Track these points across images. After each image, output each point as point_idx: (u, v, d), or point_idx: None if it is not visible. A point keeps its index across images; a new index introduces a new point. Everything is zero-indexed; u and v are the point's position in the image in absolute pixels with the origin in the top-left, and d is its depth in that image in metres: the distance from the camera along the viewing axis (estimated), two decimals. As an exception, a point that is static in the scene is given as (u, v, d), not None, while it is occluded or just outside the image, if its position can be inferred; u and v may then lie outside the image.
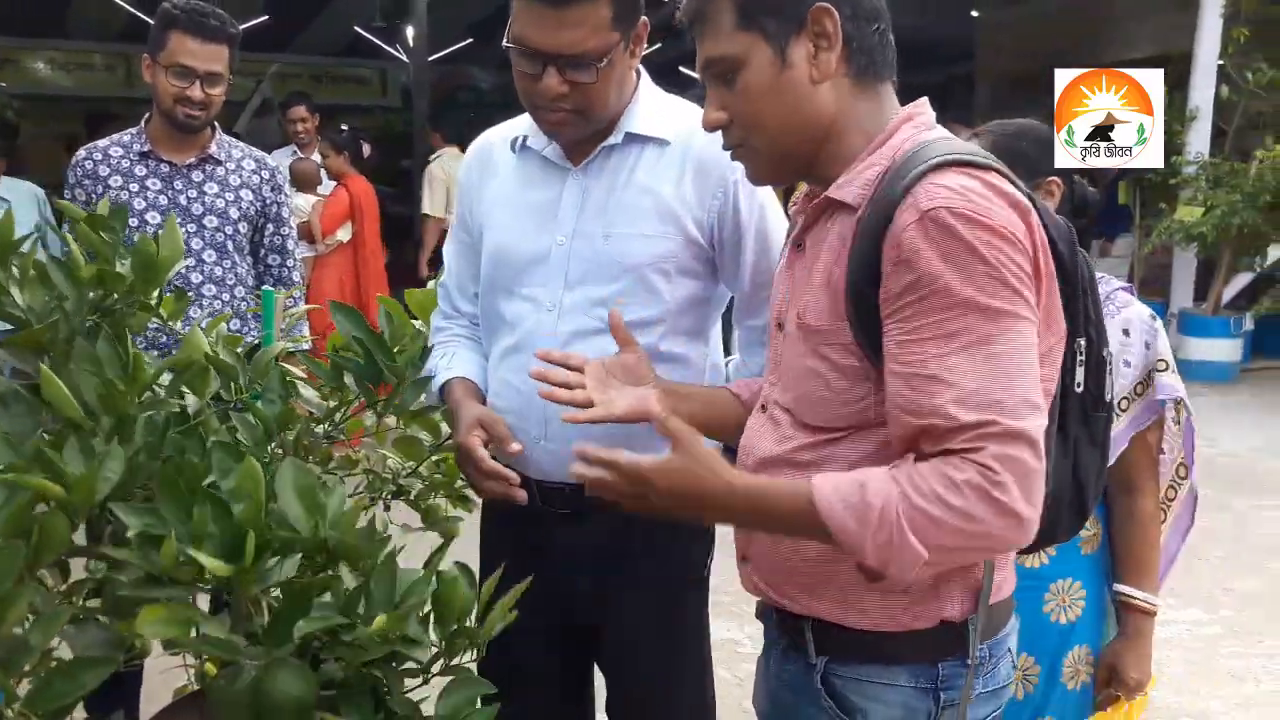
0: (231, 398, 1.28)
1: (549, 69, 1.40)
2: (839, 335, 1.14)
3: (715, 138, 1.59)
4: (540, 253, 1.54)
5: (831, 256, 1.16)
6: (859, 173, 1.16)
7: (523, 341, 1.55)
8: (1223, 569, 4.10)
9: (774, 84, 1.15)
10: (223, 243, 2.47)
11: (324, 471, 1.39)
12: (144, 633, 0.79)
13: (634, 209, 1.51)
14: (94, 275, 1.29)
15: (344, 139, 5.91)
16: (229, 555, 0.81)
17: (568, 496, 1.57)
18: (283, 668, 0.82)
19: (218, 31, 2.37)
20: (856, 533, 1.05)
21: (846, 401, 1.15)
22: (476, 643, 0.95)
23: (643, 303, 1.52)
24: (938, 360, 1.04)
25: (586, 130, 1.50)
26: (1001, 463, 1.01)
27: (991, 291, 1.04)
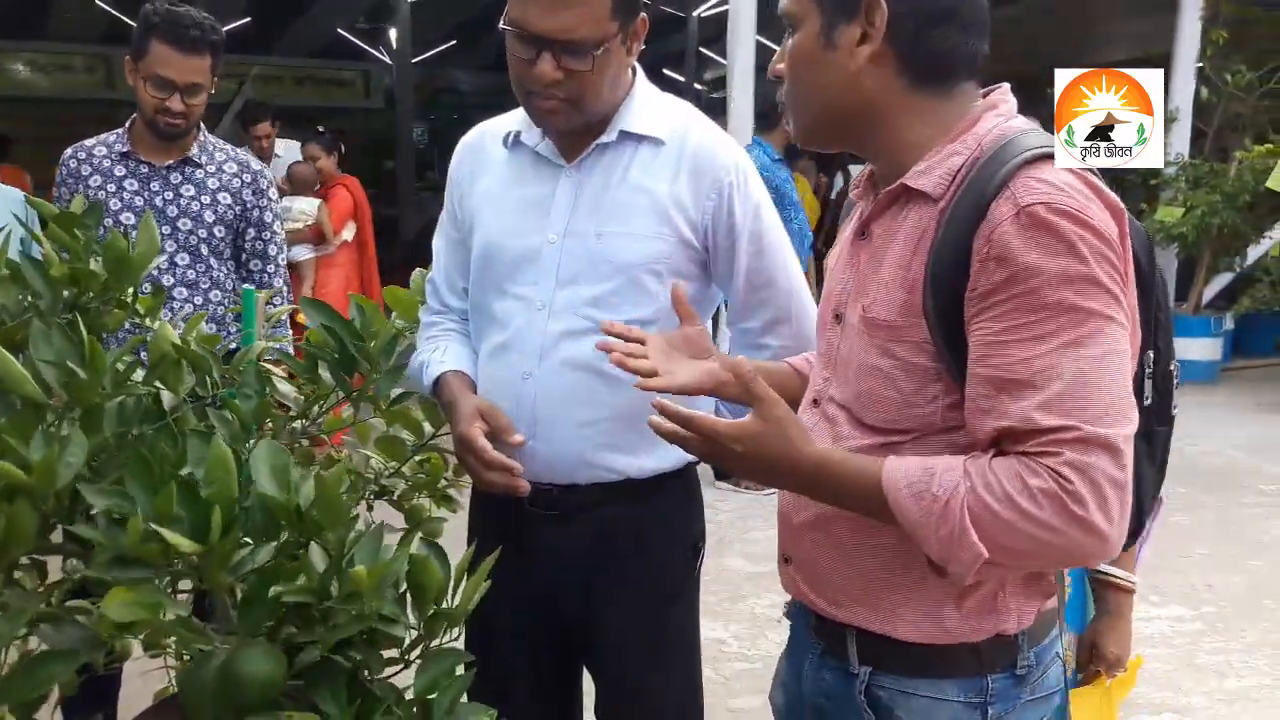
0: (208, 394, 1.27)
1: (544, 54, 1.39)
2: (911, 333, 1.09)
3: (711, 138, 1.58)
4: (531, 250, 1.52)
5: (907, 248, 1.11)
6: (940, 161, 1.11)
7: (512, 340, 1.53)
8: (1204, 566, 4.13)
9: (814, 57, 1.14)
10: (196, 246, 2.45)
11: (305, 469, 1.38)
12: (111, 615, 0.78)
13: (628, 208, 1.50)
14: (67, 273, 1.28)
15: (329, 140, 5.92)
16: (198, 535, 0.80)
17: (555, 498, 1.56)
18: (250, 647, 0.82)
19: (198, 42, 2.34)
20: (919, 521, 1.02)
21: (913, 403, 1.10)
22: (455, 620, 0.94)
23: (635, 303, 1.50)
24: (1025, 363, 1.00)
25: (578, 121, 1.48)
26: (1077, 470, 0.97)
27: (1087, 293, 1.00)
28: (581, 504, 1.56)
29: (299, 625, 0.89)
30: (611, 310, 1.49)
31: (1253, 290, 7.44)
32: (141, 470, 0.87)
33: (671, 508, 1.66)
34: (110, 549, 0.83)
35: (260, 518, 0.92)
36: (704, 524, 1.72)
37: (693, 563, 1.69)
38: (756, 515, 4.46)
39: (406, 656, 0.95)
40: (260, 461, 0.95)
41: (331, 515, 0.90)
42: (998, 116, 1.13)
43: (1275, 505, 4.88)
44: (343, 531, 0.89)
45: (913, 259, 1.10)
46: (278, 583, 0.84)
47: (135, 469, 0.88)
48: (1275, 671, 3.27)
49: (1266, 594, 3.86)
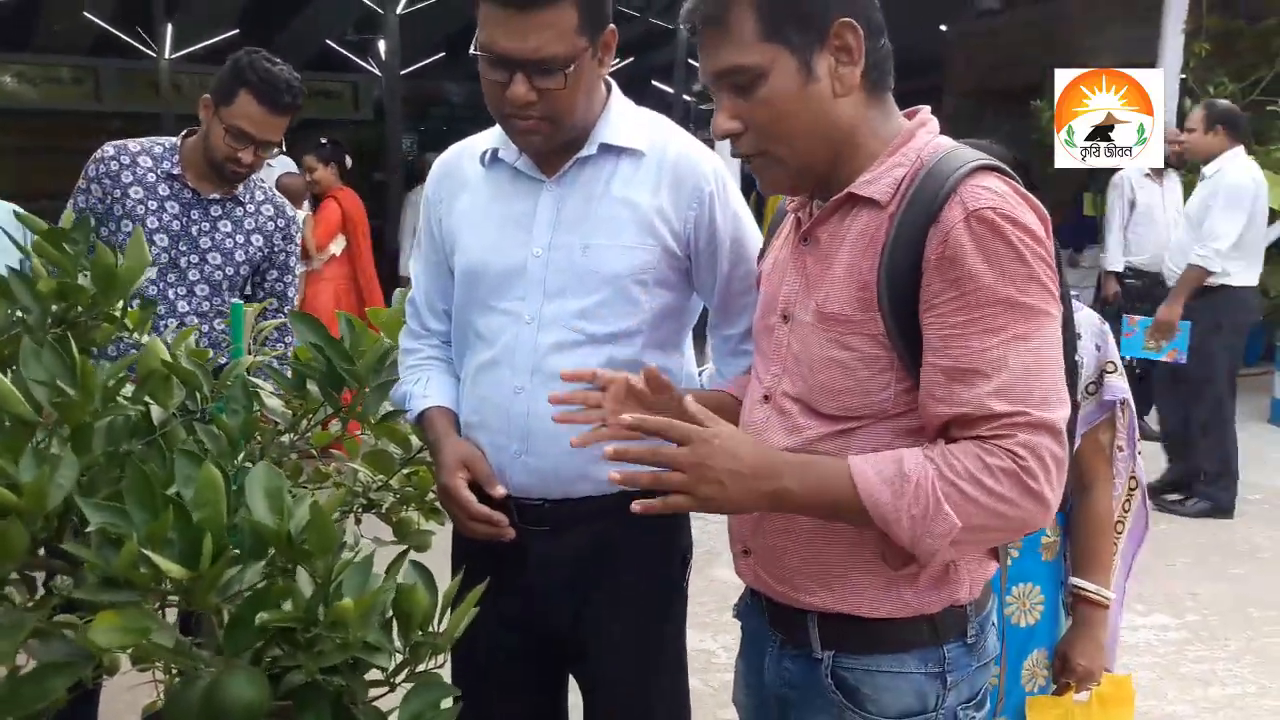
0: (197, 409, 1.28)
1: (517, 75, 1.40)
2: (866, 325, 1.17)
3: (689, 148, 1.60)
4: (517, 265, 1.53)
5: (857, 249, 1.19)
6: (885, 172, 1.19)
7: (501, 356, 1.54)
8: (1188, 575, 4.16)
9: (799, 96, 1.17)
10: (219, 281, 2.46)
11: (294, 485, 1.39)
12: (98, 640, 0.78)
13: (612, 220, 1.51)
14: (55, 288, 1.29)
15: (328, 151, 5.88)
16: (188, 561, 0.81)
17: (545, 512, 1.57)
18: (235, 672, 0.82)
19: (288, 106, 2.37)
20: (892, 505, 1.09)
21: (869, 390, 1.18)
22: (440, 649, 0.95)
23: (621, 314, 1.52)
24: (979, 354, 1.09)
25: (557, 139, 1.49)
26: (1029, 450, 1.07)
27: (1029, 290, 1.10)
28: (573, 517, 1.57)
29: (284, 649, 0.89)
30: (599, 322, 1.50)
31: (1237, 300, 7.48)
32: (141, 488, 0.87)
33: (661, 519, 1.66)
34: (100, 570, 0.84)
35: (250, 541, 0.92)
36: (691, 535, 1.73)
37: (682, 573, 1.70)
38: (745, 526, 4.42)
39: (392, 680, 0.96)
40: (255, 484, 0.96)
41: (322, 542, 0.90)
42: (928, 133, 1.22)
43: (1258, 514, 4.91)
44: (331, 560, 0.90)
45: (864, 259, 1.18)
46: (264, 607, 0.85)
47: (135, 487, 0.88)
48: (1259, 679, 3.30)
49: (1250, 602, 3.88)
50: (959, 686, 1.25)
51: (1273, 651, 3.48)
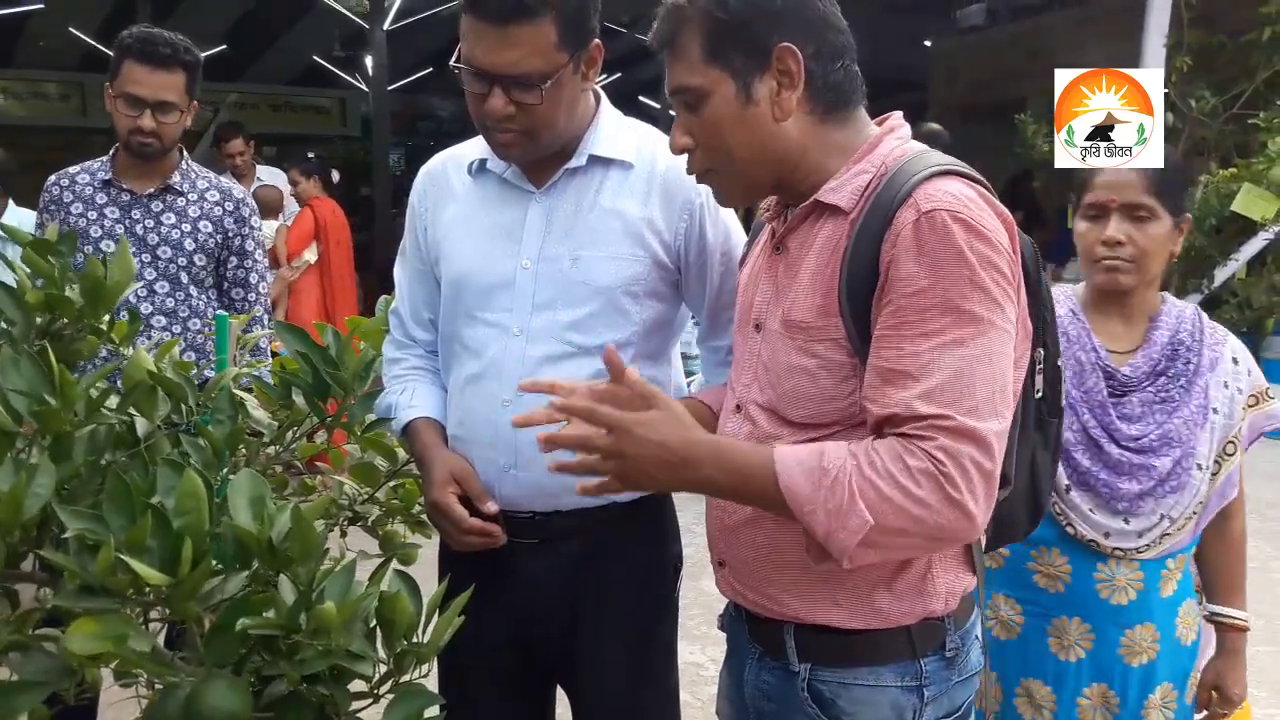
0: (182, 420, 1.27)
1: (495, 89, 1.40)
2: (829, 332, 1.18)
3: (680, 160, 1.60)
4: (505, 277, 1.52)
5: (822, 257, 1.20)
6: (849, 179, 1.20)
7: (489, 368, 1.53)
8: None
9: (738, 118, 1.19)
10: (176, 274, 2.45)
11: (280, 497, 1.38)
12: (74, 647, 0.78)
13: (602, 231, 1.51)
14: (41, 300, 1.28)
15: (314, 165, 5.92)
16: (168, 567, 0.81)
17: (537, 525, 1.56)
18: (216, 681, 0.82)
19: (168, 59, 2.35)
20: (808, 496, 1.08)
21: (833, 397, 1.19)
22: (424, 658, 0.94)
23: (611, 325, 1.52)
24: (912, 357, 1.09)
25: (536, 151, 1.49)
26: (948, 455, 1.06)
27: (971, 296, 1.09)
28: (564, 530, 1.56)
29: (266, 658, 0.89)
30: (590, 334, 1.50)
31: (1221, 312, 7.55)
32: (120, 496, 0.87)
33: (652, 529, 1.66)
34: (79, 578, 0.83)
35: (232, 549, 0.92)
36: (681, 545, 1.72)
37: (673, 584, 1.70)
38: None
39: (376, 691, 0.95)
40: (238, 492, 0.95)
41: (304, 549, 0.90)
42: (896, 139, 1.23)
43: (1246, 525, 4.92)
44: (313, 566, 0.90)
45: (827, 266, 1.19)
46: (246, 615, 0.85)
47: (114, 495, 0.88)
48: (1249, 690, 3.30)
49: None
50: (938, 700, 1.24)
51: (1260, 661, 3.48)
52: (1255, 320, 7.44)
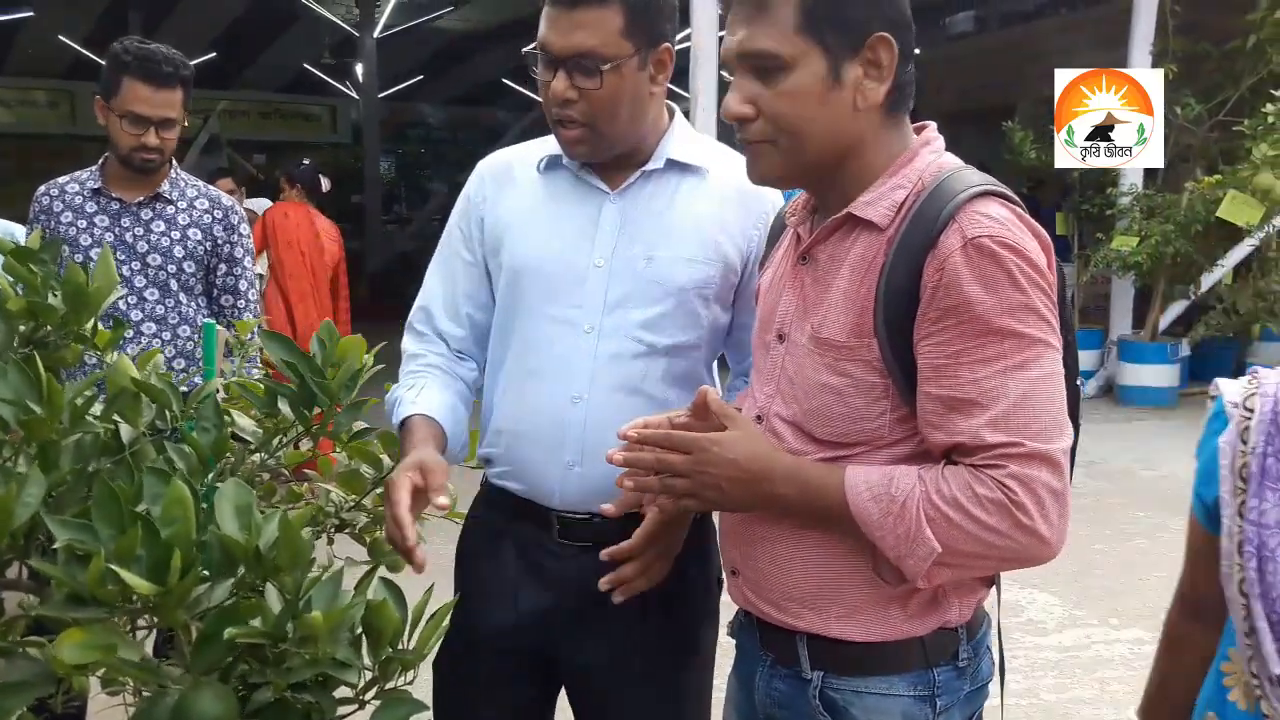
0: (167, 427, 1.27)
1: (559, 72, 1.42)
2: (862, 352, 1.15)
3: None
4: (577, 273, 1.50)
5: (855, 273, 1.17)
6: (885, 193, 1.17)
7: (555, 364, 1.50)
8: (1163, 588, 4.14)
9: (821, 97, 1.14)
10: (165, 281, 2.46)
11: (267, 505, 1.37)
12: (63, 657, 0.77)
13: (678, 233, 1.51)
14: (24, 308, 1.28)
15: (300, 172, 5.89)
16: (156, 576, 0.81)
17: (596, 528, 1.48)
18: (202, 689, 0.82)
19: (170, 78, 2.37)
20: (878, 521, 1.10)
21: (863, 417, 1.17)
22: (410, 665, 0.94)
23: (683, 327, 1.51)
24: (974, 384, 1.08)
25: (602, 149, 1.48)
26: (1020, 482, 1.06)
27: (1027, 320, 1.08)
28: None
29: (253, 665, 0.89)
30: (661, 333, 1.50)
31: (1207, 318, 7.61)
32: (108, 506, 0.87)
33: (693, 539, 1.57)
34: (67, 587, 0.83)
35: (219, 556, 0.92)
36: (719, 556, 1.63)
37: (717, 596, 1.64)
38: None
39: (362, 698, 0.95)
40: (225, 500, 0.95)
41: (291, 558, 0.90)
42: (932, 153, 1.21)
43: (1232, 528, 4.96)
44: (300, 574, 0.90)
45: (861, 283, 1.16)
46: (233, 623, 0.85)
47: (102, 504, 0.88)
48: (1234, 692, 3.32)
49: (1225, 616, 3.91)
50: (950, 711, 1.23)
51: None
52: (1241, 326, 7.49)
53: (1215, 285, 7.95)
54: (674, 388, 1.53)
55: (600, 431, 1.46)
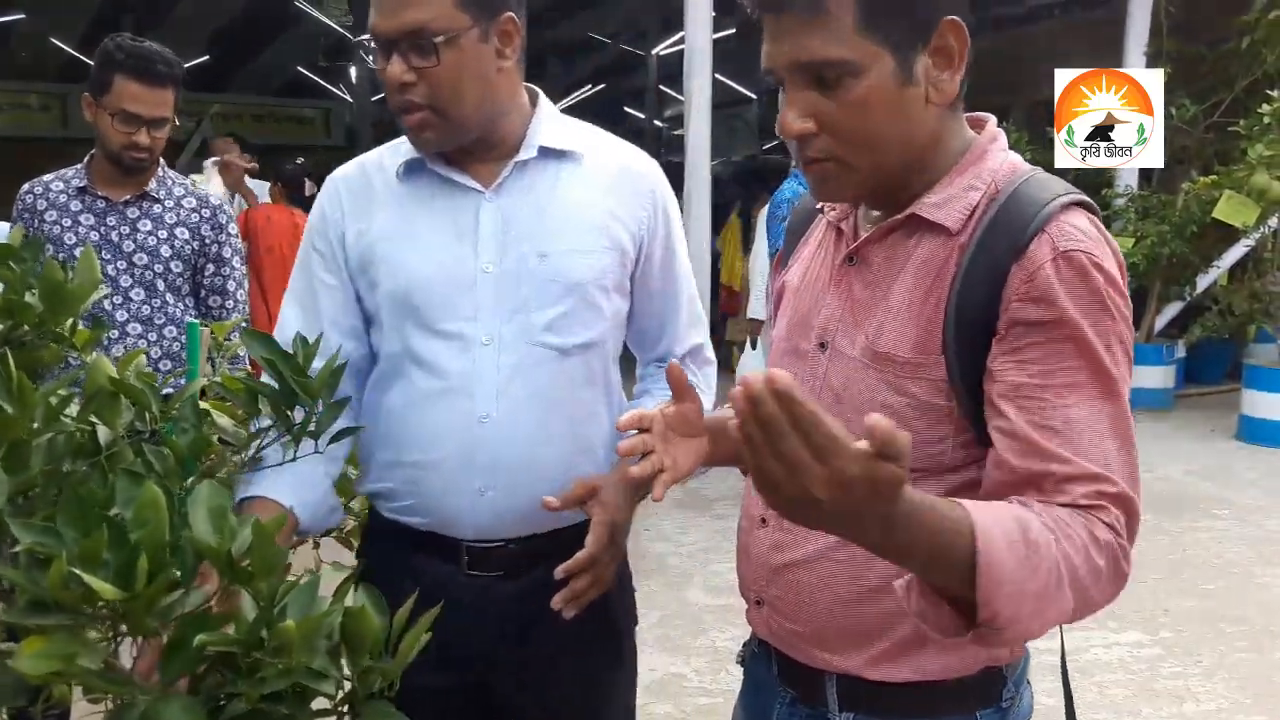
0: (145, 429, 1.24)
1: (393, 56, 1.33)
2: (927, 370, 1.04)
3: (628, 149, 1.52)
4: (465, 283, 1.40)
5: (921, 281, 1.05)
6: (956, 194, 1.06)
7: (457, 383, 1.39)
8: (1160, 591, 4.17)
9: (895, 101, 1.02)
10: (152, 281, 2.44)
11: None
12: (23, 667, 0.74)
13: (568, 224, 1.43)
14: (1, 305, 1.25)
15: (288, 170, 5.90)
16: (123, 581, 0.78)
17: (508, 555, 1.43)
18: (170, 700, 0.78)
19: (164, 76, 2.34)
20: (1011, 573, 0.86)
21: (924, 442, 1.04)
22: (391, 675, 0.91)
23: (587, 324, 1.43)
24: (1063, 410, 0.97)
25: (452, 136, 1.38)
26: (1121, 526, 0.95)
27: (1115, 352, 0.99)
28: (531, 558, 1.42)
29: (225, 675, 0.86)
30: (567, 333, 1.41)
31: (1203, 319, 7.59)
32: (74, 508, 0.84)
33: None
34: (29, 593, 0.80)
35: (191, 561, 0.89)
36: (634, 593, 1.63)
37: (634, 610, 1.62)
38: (719, 547, 4.41)
39: (340, 709, 0.92)
40: (198, 504, 0.92)
41: (266, 563, 0.87)
42: (1001, 151, 1.11)
43: (1229, 530, 4.94)
44: (275, 581, 0.87)
45: (929, 293, 1.05)
46: (204, 630, 0.82)
47: (68, 506, 0.85)
48: (1233, 695, 3.29)
49: (1222, 618, 3.89)
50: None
51: (1245, 668, 3.48)
52: (1237, 327, 7.48)
53: (1210, 286, 7.95)
54: (588, 389, 1.46)
55: (513, 450, 1.39)
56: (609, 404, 1.51)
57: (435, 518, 1.44)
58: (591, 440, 1.47)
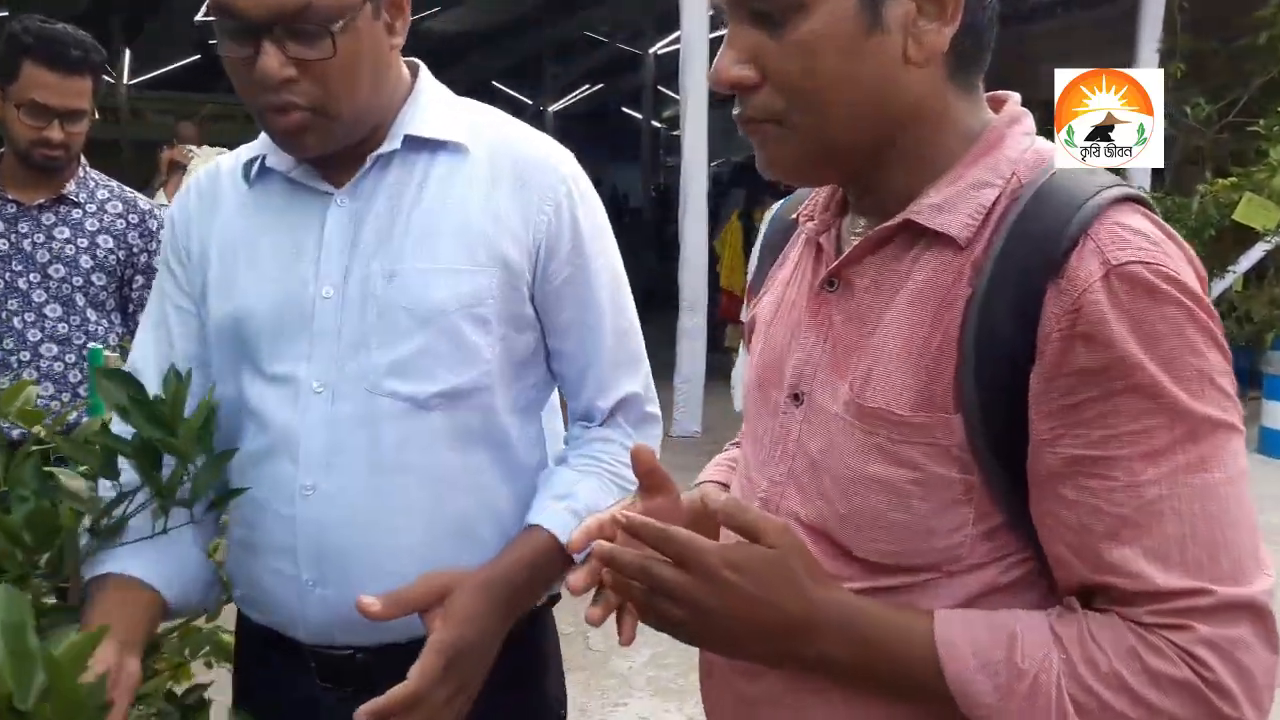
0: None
1: (264, 44, 1.01)
2: (935, 433, 0.79)
3: (532, 139, 1.19)
4: (297, 312, 1.11)
5: (921, 311, 0.81)
6: (963, 192, 0.82)
7: (280, 441, 1.11)
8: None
9: (852, 46, 0.79)
10: (70, 295, 2.16)
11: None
12: None
13: (429, 234, 1.11)
14: None
15: None
16: None
17: (359, 667, 1.13)
18: None
19: (79, 63, 2.07)
20: (993, 704, 0.74)
21: (932, 530, 0.80)
22: None
23: (453, 365, 1.10)
24: (1131, 491, 0.73)
25: (338, 137, 1.09)
26: (1219, 654, 0.71)
27: (1205, 394, 0.74)
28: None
29: None
30: (420, 378, 1.09)
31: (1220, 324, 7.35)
32: None
33: (526, 661, 1.22)
34: None
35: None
36: (565, 685, 1.30)
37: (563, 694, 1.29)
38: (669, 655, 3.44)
39: None
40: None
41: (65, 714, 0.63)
42: (1025, 135, 0.85)
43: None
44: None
45: (933, 328, 0.80)
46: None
47: None
48: None
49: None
50: None
51: None
52: (1255, 334, 7.22)
53: (1226, 291, 7.70)
54: (461, 453, 1.13)
55: (347, 533, 1.09)
56: (506, 471, 1.18)
57: (268, 613, 1.16)
58: (470, 522, 1.14)
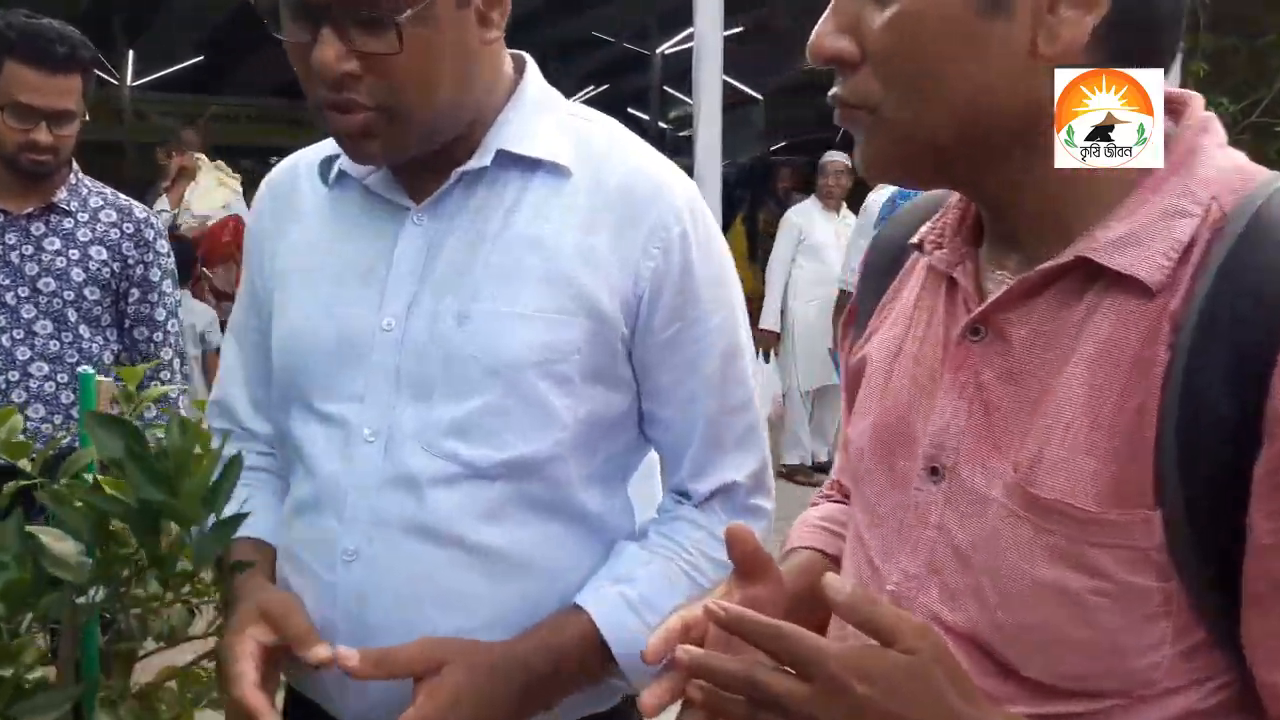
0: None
1: (324, 30, 0.88)
2: (1129, 532, 0.65)
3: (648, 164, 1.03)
4: (356, 342, 0.98)
5: (1109, 376, 0.66)
6: (1151, 224, 0.67)
7: (326, 493, 0.98)
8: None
9: (964, 31, 0.67)
10: (61, 310, 2.04)
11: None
12: None
13: (512, 272, 0.97)
14: None
15: None
16: None
17: None
18: None
19: (67, 60, 1.96)
20: None
21: (1122, 649, 0.67)
22: None
23: (524, 431, 0.96)
24: None
25: (410, 145, 0.95)
26: None
27: None
28: None
29: None
30: (485, 442, 0.95)
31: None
32: None
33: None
34: None
35: None
36: None
37: None
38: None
39: None
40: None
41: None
42: (1218, 149, 0.71)
43: None
44: None
45: (1123, 399, 0.66)
46: None
47: None
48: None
49: None
50: None
51: None
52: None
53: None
54: (526, 527, 0.99)
55: (386, 609, 0.95)
56: (583, 548, 1.04)
57: (312, 689, 1.03)
58: (537, 607, 1.00)
